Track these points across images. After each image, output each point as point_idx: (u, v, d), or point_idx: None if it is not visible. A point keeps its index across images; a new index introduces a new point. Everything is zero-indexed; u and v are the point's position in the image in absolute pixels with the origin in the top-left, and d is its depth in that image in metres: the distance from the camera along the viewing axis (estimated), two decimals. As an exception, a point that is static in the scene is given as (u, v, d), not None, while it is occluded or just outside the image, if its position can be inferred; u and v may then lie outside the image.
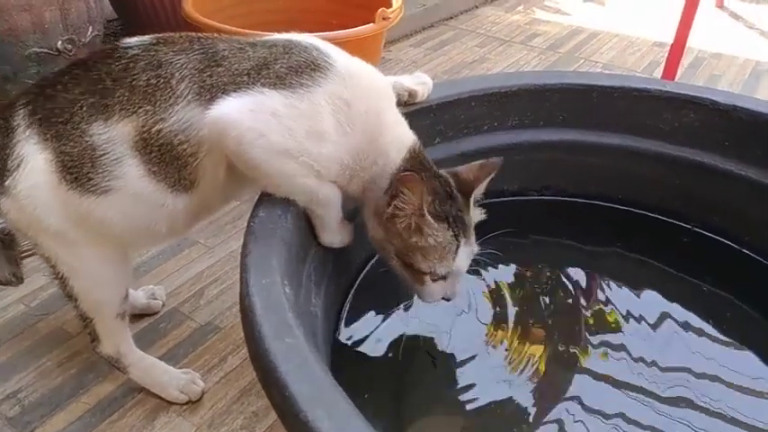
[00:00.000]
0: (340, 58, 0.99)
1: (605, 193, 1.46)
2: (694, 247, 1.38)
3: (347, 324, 1.22)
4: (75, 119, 0.95)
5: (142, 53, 0.96)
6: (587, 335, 1.18)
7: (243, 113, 0.90)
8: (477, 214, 1.06)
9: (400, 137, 1.02)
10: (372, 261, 1.29)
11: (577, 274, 1.34)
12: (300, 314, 0.83)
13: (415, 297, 1.09)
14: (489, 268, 1.25)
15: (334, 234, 1.07)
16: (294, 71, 0.94)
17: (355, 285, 1.28)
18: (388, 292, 1.20)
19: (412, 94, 1.23)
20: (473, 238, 1.03)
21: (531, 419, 1.03)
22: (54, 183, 0.95)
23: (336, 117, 0.95)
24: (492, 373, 1.11)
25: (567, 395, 1.07)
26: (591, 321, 1.22)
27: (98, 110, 0.94)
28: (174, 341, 1.33)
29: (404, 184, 0.93)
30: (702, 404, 1.05)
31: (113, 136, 0.93)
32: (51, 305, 1.40)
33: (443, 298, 1.04)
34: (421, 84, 1.25)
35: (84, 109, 0.95)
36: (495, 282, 1.30)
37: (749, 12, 3.42)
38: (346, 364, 1.08)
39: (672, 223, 1.42)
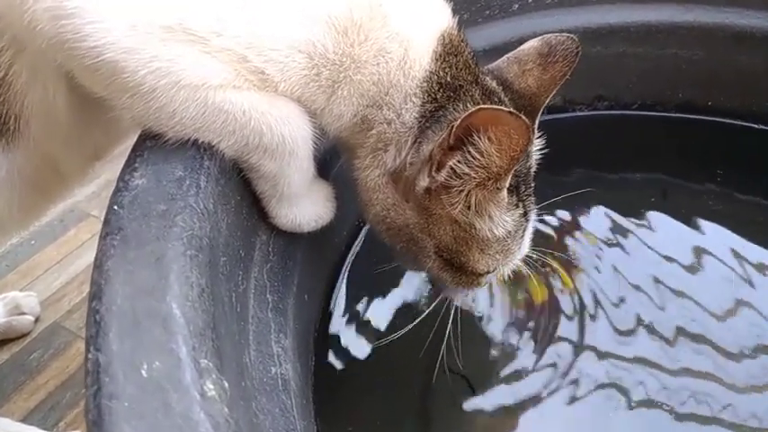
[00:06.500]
0: None
1: (686, 101, 1.06)
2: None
3: (336, 353, 0.76)
4: None
5: None
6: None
7: None
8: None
9: (427, 5, 0.58)
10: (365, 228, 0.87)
11: (660, 218, 0.94)
12: (251, 417, 0.34)
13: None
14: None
15: (300, 206, 0.59)
16: None
17: (343, 278, 0.83)
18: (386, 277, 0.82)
19: None
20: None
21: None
22: None
23: None
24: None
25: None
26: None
27: None
28: (54, 380, 0.95)
29: (489, 128, 0.50)
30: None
31: None
32: None
33: None
34: None
35: None
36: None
37: None
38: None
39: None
